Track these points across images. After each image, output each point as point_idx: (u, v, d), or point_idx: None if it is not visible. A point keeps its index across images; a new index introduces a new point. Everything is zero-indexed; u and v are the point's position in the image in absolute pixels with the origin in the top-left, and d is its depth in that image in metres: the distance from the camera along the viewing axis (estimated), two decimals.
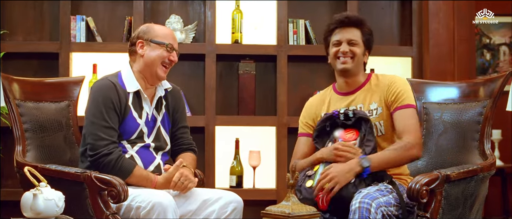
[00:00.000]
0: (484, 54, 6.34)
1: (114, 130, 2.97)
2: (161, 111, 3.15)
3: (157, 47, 3.06)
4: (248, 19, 4.75)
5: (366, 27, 3.11)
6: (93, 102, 3.00)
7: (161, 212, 2.75)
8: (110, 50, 4.58)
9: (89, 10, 4.71)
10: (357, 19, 3.13)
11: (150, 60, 3.06)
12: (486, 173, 2.95)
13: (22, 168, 2.77)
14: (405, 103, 3.00)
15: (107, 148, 2.93)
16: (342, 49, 3.07)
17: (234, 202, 3.03)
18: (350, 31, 3.09)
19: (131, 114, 3.03)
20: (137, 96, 3.08)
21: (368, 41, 3.11)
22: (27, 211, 2.56)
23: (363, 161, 2.84)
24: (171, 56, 3.07)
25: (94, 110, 2.98)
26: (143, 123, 3.06)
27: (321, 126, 3.04)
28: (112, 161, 2.92)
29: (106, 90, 3.00)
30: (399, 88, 3.02)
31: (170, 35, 3.10)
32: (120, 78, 3.09)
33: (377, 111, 3.03)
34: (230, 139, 4.63)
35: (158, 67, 3.06)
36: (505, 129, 5.75)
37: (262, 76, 4.76)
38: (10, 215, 2.90)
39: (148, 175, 2.99)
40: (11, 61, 4.54)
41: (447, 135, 3.20)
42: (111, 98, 2.99)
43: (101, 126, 2.94)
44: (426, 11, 4.72)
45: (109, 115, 2.96)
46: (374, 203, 2.68)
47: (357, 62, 3.07)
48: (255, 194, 4.51)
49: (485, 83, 3.20)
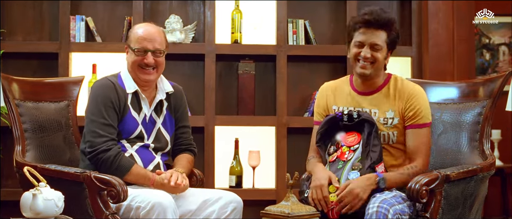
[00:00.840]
0: (484, 54, 6.34)
1: (113, 127, 2.98)
2: (162, 113, 3.15)
3: (131, 52, 3.09)
4: (247, 19, 4.75)
5: (394, 28, 2.95)
6: (93, 101, 3.03)
7: (160, 212, 2.75)
8: (109, 50, 4.58)
9: (89, 10, 4.71)
10: (386, 19, 2.93)
11: (129, 65, 3.11)
12: (486, 173, 2.95)
13: (21, 168, 2.77)
14: (422, 123, 2.95)
15: (105, 145, 2.94)
16: (364, 54, 2.92)
17: (233, 202, 3.03)
18: (376, 34, 2.92)
19: (130, 113, 3.04)
20: (136, 97, 3.09)
21: (393, 43, 2.97)
22: (26, 211, 2.56)
23: (381, 182, 2.79)
24: (144, 59, 3.07)
25: (93, 108, 3.00)
26: (140, 122, 3.07)
27: (323, 129, 2.98)
28: (110, 157, 2.93)
29: (105, 89, 3.03)
30: (419, 105, 2.95)
31: (145, 37, 3.07)
32: (119, 79, 3.11)
33: (393, 121, 2.96)
34: (230, 139, 4.63)
35: (137, 72, 3.08)
36: (504, 129, 5.74)
37: (262, 76, 4.76)
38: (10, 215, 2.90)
39: (146, 173, 2.99)
40: (11, 61, 4.54)
41: (447, 135, 3.20)
42: (110, 97, 3.01)
43: (100, 124, 2.96)
44: (425, 11, 4.72)
45: (108, 113, 2.98)
46: (392, 209, 2.66)
47: (377, 67, 2.95)
48: (254, 194, 4.50)
49: (485, 83, 3.19)
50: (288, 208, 2.62)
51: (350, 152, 2.88)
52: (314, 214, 2.67)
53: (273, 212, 2.65)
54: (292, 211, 2.60)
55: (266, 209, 2.69)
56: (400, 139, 2.97)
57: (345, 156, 2.89)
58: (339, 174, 2.86)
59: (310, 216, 2.65)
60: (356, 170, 2.84)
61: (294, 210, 2.61)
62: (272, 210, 2.66)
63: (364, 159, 2.85)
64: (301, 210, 2.64)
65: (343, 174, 2.85)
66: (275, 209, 2.66)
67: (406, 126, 2.97)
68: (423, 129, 2.96)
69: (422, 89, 3.03)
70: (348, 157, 2.88)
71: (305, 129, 3.22)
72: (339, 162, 2.89)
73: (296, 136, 4.57)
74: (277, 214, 2.63)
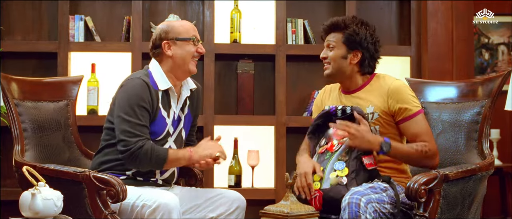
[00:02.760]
0: (483, 54, 6.35)
1: (146, 127, 2.96)
2: (185, 111, 3.15)
3: (184, 44, 3.06)
4: (246, 18, 4.75)
5: (348, 27, 3.03)
6: (126, 100, 2.97)
7: (165, 213, 2.76)
8: (108, 49, 4.58)
9: (88, 9, 4.71)
10: (338, 21, 3.07)
11: (181, 58, 3.05)
12: (485, 172, 2.96)
13: (20, 168, 2.76)
14: (411, 113, 2.96)
15: (141, 142, 2.91)
16: (321, 55, 3.10)
17: (237, 200, 3.05)
18: (330, 36, 3.07)
19: (160, 113, 3.03)
20: (166, 95, 3.07)
21: (352, 42, 3.02)
22: (25, 210, 2.56)
23: (385, 145, 2.85)
24: (198, 48, 3.08)
25: (126, 108, 2.95)
26: (170, 122, 3.06)
27: (316, 122, 3.04)
28: (147, 152, 2.90)
29: (139, 89, 2.98)
30: (402, 99, 2.97)
31: (191, 28, 3.10)
32: (151, 77, 3.06)
33: (374, 116, 2.99)
34: (229, 139, 4.63)
35: (189, 63, 3.06)
36: (503, 128, 5.75)
37: (261, 76, 4.76)
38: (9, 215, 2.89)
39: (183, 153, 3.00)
40: (10, 60, 4.54)
41: (446, 134, 3.20)
42: (143, 97, 2.97)
43: (134, 124, 2.93)
44: (424, 11, 4.72)
45: (142, 113, 2.95)
46: (364, 198, 2.67)
47: (337, 65, 3.05)
48: (253, 194, 4.50)
49: (484, 82, 3.20)
50: (287, 207, 2.63)
51: (339, 144, 2.93)
52: (313, 213, 2.67)
53: (272, 211, 2.66)
54: (291, 211, 2.61)
55: (265, 209, 2.69)
56: (382, 130, 2.98)
57: (334, 148, 2.93)
58: (325, 163, 2.91)
59: (309, 215, 2.65)
60: (342, 161, 2.88)
61: (293, 210, 2.62)
62: (271, 209, 2.67)
63: (351, 150, 2.89)
64: (300, 209, 2.64)
65: (328, 163, 2.89)
66: (274, 208, 2.66)
67: (398, 122, 2.98)
68: (416, 118, 2.97)
69: (402, 82, 3.06)
70: (336, 149, 2.92)
71: (304, 129, 3.22)
72: (327, 153, 2.94)
73: (295, 135, 4.56)
74: (276, 213, 2.63)
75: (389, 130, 2.99)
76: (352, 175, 2.84)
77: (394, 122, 2.99)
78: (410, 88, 3.06)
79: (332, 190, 2.82)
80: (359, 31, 3.02)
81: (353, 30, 3.02)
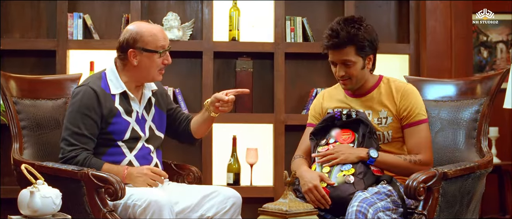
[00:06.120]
0: (481, 52, 6.35)
1: (85, 137, 2.96)
2: (151, 111, 3.14)
3: (150, 56, 3.02)
4: (245, 16, 4.75)
5: (358, 39, 2.91)
6: (70, 108, 3.01)
7: (156, 211, 2.75)
8: (107, 47, 4.57)
9: (86, 7, 4.70)
10: (347, 36, 2.91)
11: (145, 69, 3.03)
12: (483, 170, 2.96)
13: (19, 166, 2.76)
14: (417, 120, 2.96)
15: (74, 152, 2.94)
16: (338, 74, 2.97)
17: (233, 197, 3.04)
18: (343, 52, 2.92)
19: (119, 113, 3.02)
20: (125, 97, 3.06)
21: (368, 49, 2.95)
22: (24, 208, 2.56)
23: (372, 151, 2.86)
24: (164, 60, 3.05)
25: (69, 115, 2.99)
26: (133, 121, 3.05)
27: (321, 125, 3.02)
28: (79, 162, 2.92)
29: (84, 97, 2.99)
30: (411, 104, 2.97)
31: (161, 37, 3.03)
32: (104, 81, 3.05)
33: (387, 120, 2.99)
34: (227, 136, 4.63)
35: (154, 74, 3.05)
36: (502, 126, 5.75)
37: (260, 74, 4.76)
38: (8, 213, 2.90)
39: (118, 168, 2.97)
40: (8, 58, 4.54)
41: (444, 132, 3.20)
42: (89, 106, 2.97)
43: (72, 132, 2.96)
44: (423, 9, 4.72)
45: (84, 121, 2.96)
46: (372, 208, 2.67)
47: (357, 79, 2.98)
48: (252, 192, 4.50)
49: (482, 80, 3.20)
50: (285, 205, 2.62)
51: None
52: (312, 211, 2.66)
53: (270, 209, 2.65)
54: (289, 209, 2.60)
55: (264, 207, 2.69)
56: (395, 136, 2.99)
57: None
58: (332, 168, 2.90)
59: (307, 213, 2.65)
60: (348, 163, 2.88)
61: (291, 208, 2.61)
62: (270, 207, 2.66)
63: None
64: (299, 207, 2.64)
65: (335, 167, 2.89)
66: (272, 206, 2.66)
67: (403, 126, 2.98)
68: (420, 126, 2.97)
69: (413, 87, 3.04)
70: None
71: (303, 126, 3.22)
72: None
73: (293, 133, 4.56)
74: (275, 211, 2.63)
75: (401, 135, 3.00)
76: (359, 176, 2.84)
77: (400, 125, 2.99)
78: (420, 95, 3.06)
79: (339, 188, 2.82)
80: (365, 35, 2.94)
81: (362, 37, 2.92)
